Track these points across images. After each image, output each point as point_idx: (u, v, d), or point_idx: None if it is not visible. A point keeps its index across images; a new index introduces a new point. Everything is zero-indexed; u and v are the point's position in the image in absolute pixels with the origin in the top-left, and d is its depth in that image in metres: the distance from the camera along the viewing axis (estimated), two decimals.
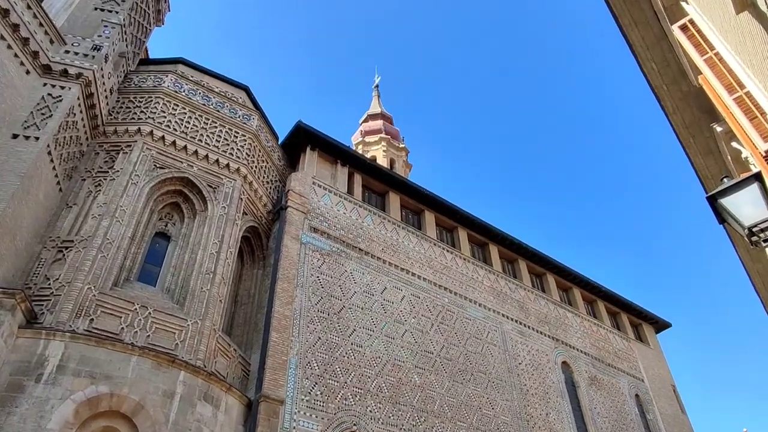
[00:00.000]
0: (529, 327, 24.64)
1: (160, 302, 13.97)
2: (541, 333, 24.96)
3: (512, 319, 24.11)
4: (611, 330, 29.41)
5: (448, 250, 23.80)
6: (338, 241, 19.64)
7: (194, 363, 13.32)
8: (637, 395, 27.34)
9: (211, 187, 16.73)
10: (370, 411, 16.62)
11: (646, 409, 27.24)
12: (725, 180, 6.18)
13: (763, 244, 5.39)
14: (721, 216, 5.98)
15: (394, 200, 23.26)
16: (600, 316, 29.60)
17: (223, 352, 14.62)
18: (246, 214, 17.74)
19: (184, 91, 18.11)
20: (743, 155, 8.08)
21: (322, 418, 15.43)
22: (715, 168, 9.22)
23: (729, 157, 8.53)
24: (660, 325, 33.08)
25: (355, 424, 15.98)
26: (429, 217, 24.23)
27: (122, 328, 12.89)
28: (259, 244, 18.56)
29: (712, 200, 5.96)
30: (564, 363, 24.97)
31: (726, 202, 5.77)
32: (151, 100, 17.30)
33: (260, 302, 17.06)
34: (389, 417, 16.94)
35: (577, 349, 26.17)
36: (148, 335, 13.12)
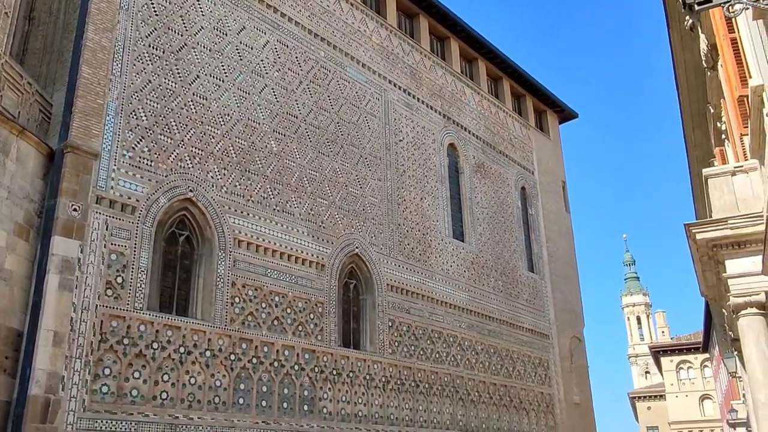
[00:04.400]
0: (418, 99, 25.19)
1: None
2: (431, 108, 25.70)
3: (400, 88, 24.40)
4: (512, 114, 31.01)
5: None
6: None
7: None
8: (523, 188, 30.12)
9: None
10: (212, 177, 16.78)
11: (530, 203, 30.31)
12: None
13: (697, 8, 5.42)
14: None
15: None
16: (503, 97, 30.86)
17: (12, 84, 13.46)
18: None
19: None
20: None
21: (150, 180, 15.37)
22: None
23: None
24: (565, 115, 35.42)
25: (191, 190, 16.16)
26: None
27: None
28: None
29: None
30: (451, 145, 26.36)
31: None
32: None
33: (67, 24, 15.45)
34: (235, 186, 17.28)
35: (469, 132, 27.55)
36: None
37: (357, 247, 20.35)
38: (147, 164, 15.43)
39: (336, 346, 18.62)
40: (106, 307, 13.81)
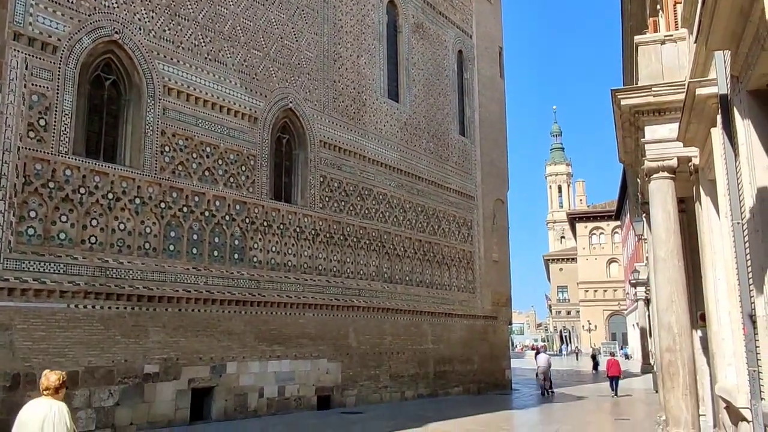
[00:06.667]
0: None
1: None
2: None
3: None
4: None
5: None
6: None
7: None
8: (460, 51, 29.69)
9: None
10: (140, 19, 15.79)
11: (466, 67, 30.03)
12: None
13: None
14: None
15: None
16: None
17: None
18: None
19: None
20: None
21: (72, 18, 14.33)
22: None
23: None
24: None
25: (117, 32, 15.21)
26: None
27: None
28: None
29: None
30: (391, 2, 25.40)
31: None
32: None
33: None
34: (164, 31, 16.35)
35: None
36: None
37: (291, 102, 19.93)
38: (68, 1, 14.32)
39: (267, 198, 18.67)
40: (29, 149, 13.27)
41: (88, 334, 13.84)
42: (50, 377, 5.92)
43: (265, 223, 18.46)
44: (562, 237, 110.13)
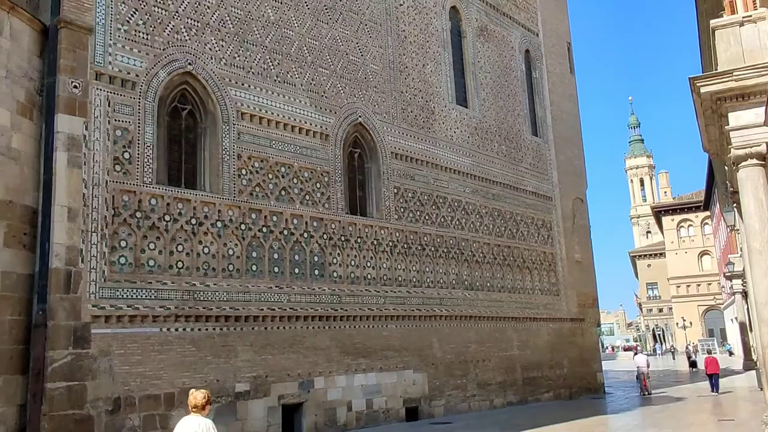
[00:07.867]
0: None
1: None
2: None
3: None
4: None
5: None
6: None
7: None
8: (527, 51, 29.28)
9: None
10: (210, 49, 16.37)
11: (534, 66, 29.59)
12: None
13: None
14: None
15: None
16: None
17: None
18: None
19: None
20: None
21: (148, 54, 15.02)
22: None
23: None
24: None
25: (190, 63, 15.83)
26: None
27: None
28: None
29: None
30: (453, 8, 25.37)
31: None
32: None
33: None
34: (234, 57, 16.88)
35: None
36: None
37: (360, 116, 20.16)
38: (143, 38, 15.02)
39: (343, 213, 18.92)
40: (116, 182, 13.95)
41: (181, 356, 14.38)
42: (197, 396, 6.50)
43: (343, 238, 18.71)
44: (648, 232, 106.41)
